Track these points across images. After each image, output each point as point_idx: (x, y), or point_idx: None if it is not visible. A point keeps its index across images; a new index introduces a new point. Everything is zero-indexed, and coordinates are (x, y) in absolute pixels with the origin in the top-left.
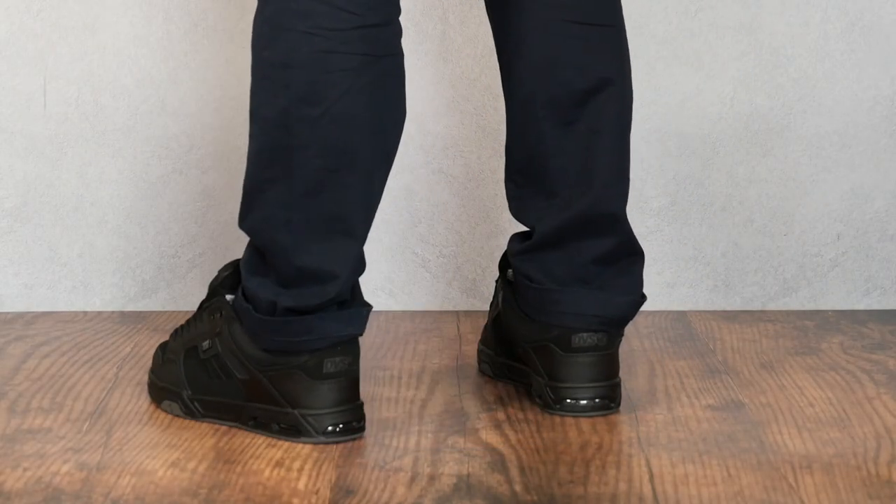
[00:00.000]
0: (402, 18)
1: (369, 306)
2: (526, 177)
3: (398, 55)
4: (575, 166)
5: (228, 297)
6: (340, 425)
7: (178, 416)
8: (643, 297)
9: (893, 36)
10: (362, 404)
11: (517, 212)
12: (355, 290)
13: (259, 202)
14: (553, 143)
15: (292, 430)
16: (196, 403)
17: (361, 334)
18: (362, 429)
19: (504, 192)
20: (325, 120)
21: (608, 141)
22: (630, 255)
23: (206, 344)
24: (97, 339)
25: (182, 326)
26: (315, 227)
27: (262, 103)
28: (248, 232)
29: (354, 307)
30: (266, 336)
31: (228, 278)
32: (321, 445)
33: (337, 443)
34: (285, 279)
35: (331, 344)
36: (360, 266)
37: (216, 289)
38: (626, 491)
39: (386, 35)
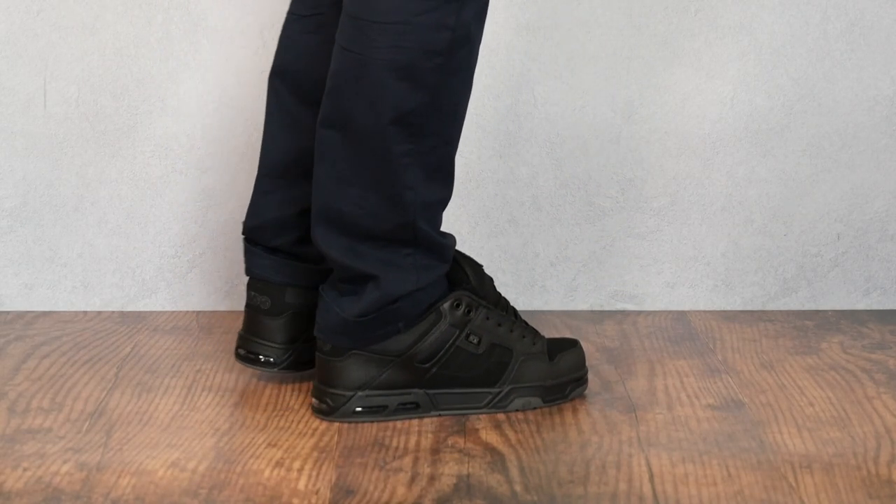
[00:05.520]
0: None
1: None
2: None
3: None
4: None
5: None
6: (241, 350)
7: None
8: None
9: (893, 36)
10: (265, 344)
11: None
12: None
13: None
14: None
15: None
16: None
17: (265, 280)
18: (257, 363)
19: (504, 193)
20: None
21: None
22: None
23: None
24: (97, 339)
25: None
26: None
27: None
28: None
29: (282, 255)
30: None
31: None
32: (321, 445)
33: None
34: None
35: (250, 277)
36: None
37: None
38: (626, 491)
39: None
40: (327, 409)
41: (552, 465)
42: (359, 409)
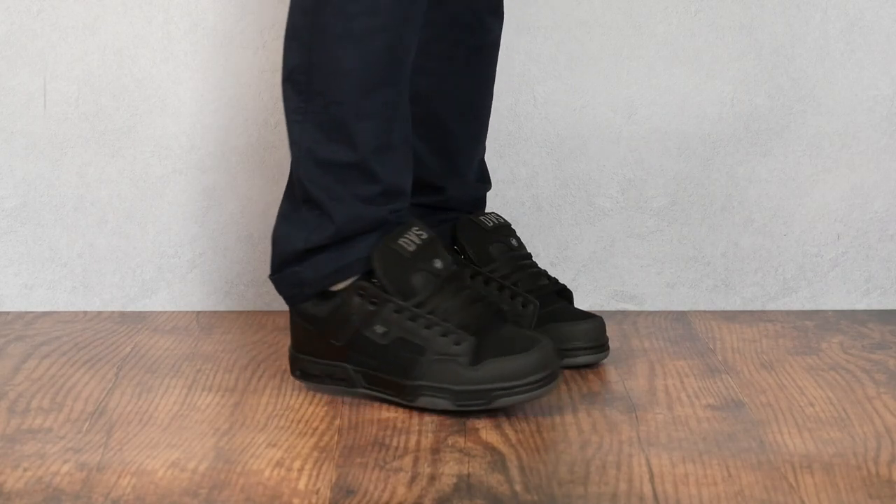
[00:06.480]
0: None
1: None
2: None
3: None
4: None
5: None
6: None
7: None
8: None
9: (893, 36)
10: None
11: None
12: None
13: None
14: None
15: None
16: None
17: None
18: None
19: (504, 193)
20: None
21: None
22: None
23: None
24: (97, 339)
25: None
26: None
27: None
28: None
29: None
30: None
31: None
32: (321, 445)
33: None
34: None
35: None
36: None
37: None
38: (626, 491)
39: None
40: (292, 369)
41: (552, 465)
42: (298, 372)
